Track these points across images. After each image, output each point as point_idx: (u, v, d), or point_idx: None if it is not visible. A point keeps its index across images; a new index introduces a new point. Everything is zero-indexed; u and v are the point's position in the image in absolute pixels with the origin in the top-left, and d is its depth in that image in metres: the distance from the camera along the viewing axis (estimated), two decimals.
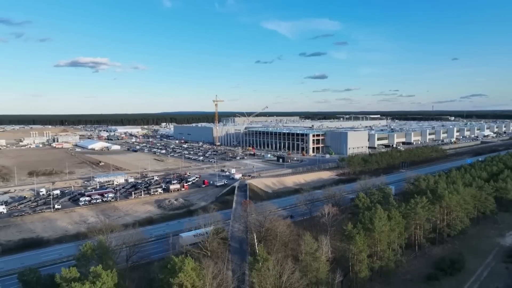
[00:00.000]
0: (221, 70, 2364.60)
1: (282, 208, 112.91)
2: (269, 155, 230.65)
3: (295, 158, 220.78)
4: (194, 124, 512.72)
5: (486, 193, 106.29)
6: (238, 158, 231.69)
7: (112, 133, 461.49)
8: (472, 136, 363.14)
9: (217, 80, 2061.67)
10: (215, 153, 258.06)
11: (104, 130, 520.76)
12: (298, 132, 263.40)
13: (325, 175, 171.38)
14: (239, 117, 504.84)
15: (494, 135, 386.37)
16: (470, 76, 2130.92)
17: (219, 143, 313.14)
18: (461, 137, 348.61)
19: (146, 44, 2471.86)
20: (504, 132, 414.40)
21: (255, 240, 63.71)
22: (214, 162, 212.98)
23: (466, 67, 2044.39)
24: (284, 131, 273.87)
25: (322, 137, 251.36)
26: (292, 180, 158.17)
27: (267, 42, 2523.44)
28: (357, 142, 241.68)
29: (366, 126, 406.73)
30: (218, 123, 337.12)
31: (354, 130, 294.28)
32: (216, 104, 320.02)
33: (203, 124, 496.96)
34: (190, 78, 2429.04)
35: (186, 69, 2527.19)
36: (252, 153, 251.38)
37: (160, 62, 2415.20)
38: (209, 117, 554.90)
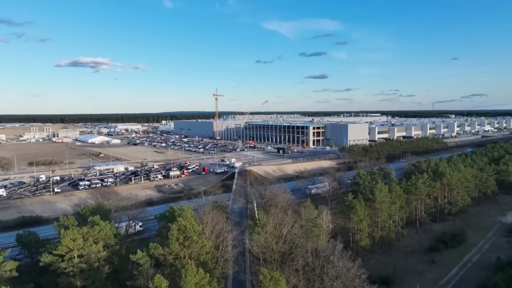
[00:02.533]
0: (221, 70, 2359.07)
1: (282, 192, 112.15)
2: (269, 147, 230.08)
3: (295, 150, 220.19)
4: (194, 120, 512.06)
5: (487, 174, 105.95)
6: (238, 150, 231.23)
7: (112, 130, 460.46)
8: (473, 131, 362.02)
9: (217, 80, 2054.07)
10: (215, 146, 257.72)
11: (104, 127, 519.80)
12: (299, 125, 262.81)
13: (326, 164, 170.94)
14: (240, 114, 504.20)
15: (495, 130, 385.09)
16: (470, 76, 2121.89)
17: (219, 137, 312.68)
18: (462, 132, 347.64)
19: (147, 44, 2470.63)
20: (505, 128, 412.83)
21: (255, 209, 63.17)
22: (214, 153, 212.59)
23: (466, 67, 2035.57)
24: (285, 124, 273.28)
25: (323, 130, 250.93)
26: (292, 168, 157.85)
27: (267, 42, 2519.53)
28: (358, 135, 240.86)
29: (367, 122, 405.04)
30: (218, 119, 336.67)
31: (355, 123, 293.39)
32: (216, 99, 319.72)
33: (203, 119, 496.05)
34: (190, 78, 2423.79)
35: (187, 69, 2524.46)
36: (253, 145, 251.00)
37: (160, 62, 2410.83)
38: (209, 117, 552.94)
